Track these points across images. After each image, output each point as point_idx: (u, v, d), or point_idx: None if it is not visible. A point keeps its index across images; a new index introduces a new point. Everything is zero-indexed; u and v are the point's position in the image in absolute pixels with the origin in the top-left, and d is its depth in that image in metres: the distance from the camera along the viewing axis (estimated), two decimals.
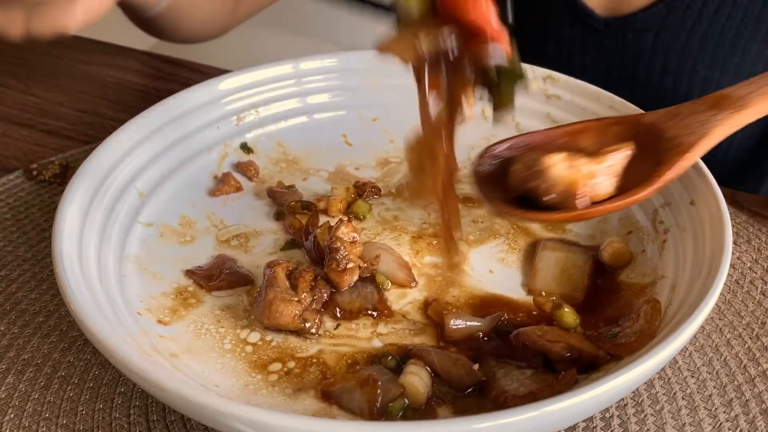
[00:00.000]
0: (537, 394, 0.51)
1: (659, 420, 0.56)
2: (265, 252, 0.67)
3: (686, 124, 0.58)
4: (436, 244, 0.67)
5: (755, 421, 0.55)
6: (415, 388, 0.53)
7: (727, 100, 0.57)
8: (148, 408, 0.56)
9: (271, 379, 0.55)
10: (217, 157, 0.75)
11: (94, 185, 0.63)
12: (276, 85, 0.78)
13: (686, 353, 0.60)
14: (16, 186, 0.77)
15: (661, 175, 0.56)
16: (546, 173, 0.55)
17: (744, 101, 0.57)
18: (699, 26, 0.89)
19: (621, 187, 0.57)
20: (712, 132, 0.57)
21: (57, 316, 0.63)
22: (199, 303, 0.61)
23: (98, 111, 0.91)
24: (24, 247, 0.70)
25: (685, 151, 0.57)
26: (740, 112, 0.57)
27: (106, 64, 1.01)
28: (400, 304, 0.62)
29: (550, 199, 0.56)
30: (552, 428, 0.49)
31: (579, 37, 0.94)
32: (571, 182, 0.55)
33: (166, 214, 0.69)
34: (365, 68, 0.80)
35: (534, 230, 0.69)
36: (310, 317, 0.58)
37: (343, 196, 0.71)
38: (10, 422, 0.55)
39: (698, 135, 0.57)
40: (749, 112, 0.57)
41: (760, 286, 0.66)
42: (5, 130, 0.87)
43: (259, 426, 0.44)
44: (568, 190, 0.55)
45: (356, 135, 0.80)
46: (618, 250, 0.64)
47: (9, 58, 1.02)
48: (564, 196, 0.55)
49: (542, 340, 0.55)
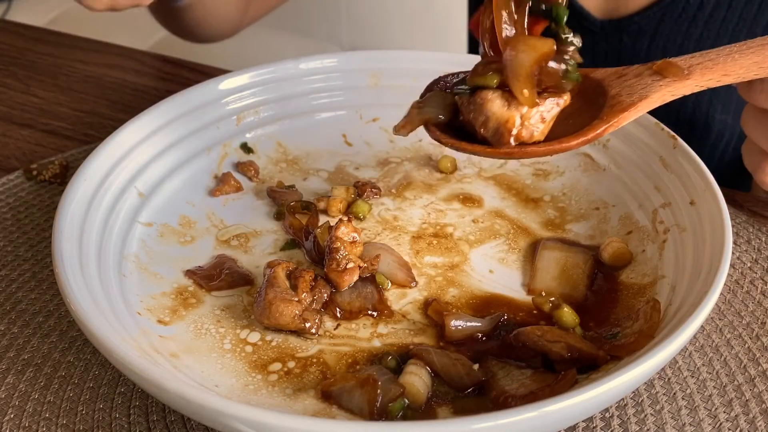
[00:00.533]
0: (537, 394, 0.51)
1: (659, 420, 0.56)
2: (265, 252, 0.67)
3: (629, 85, 0.60)
4: (437, 244, 0.67)
5: (755, 421, 0.55)
6: (415, 388, 0.53)
7: (672, 68, 0.59)
8: (148, 408, 0.56)
9: (271, 379, 0.55)
10: (217, 157, 0.75)
11: (94, 185, 0.63)
12: (276, 85, 0.78)
13: (686, 353, 0.60)
14: (16, 186, 0.77)
15: (595, 129, 0.58)
16: (483, 107, 0.57)
17: (687, 71, 0.59)
18: (694, 29, 0.89)
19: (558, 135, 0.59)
20: (651, 95, 0.58)
21: (57, 316, 0.63)
22: (199, 303, 0.61)
23: (98, 111, 0.91)
24: (24, 247, 0.70)
25: (624, 110, 0.58)
26: (681, 81, 0.58)
27: (106, 64, 1.01)
28: (400, 304, 0.62)
29: (485, 134, 0.58)
30: (552, 428, 0.49)
31: None
32: (506, 119, 0.56)
33: (166, 214, 0.69)
34: (365, 68, 0.80)
35: (534, 230, 0.69)
36: (310, 317, 0.58)
37: (343, 196, 0.71)
38: (10, 422, 0.55)
39: (638, 96, 0.59)
40: (689, 82, 0.58)
41: (760, 286, 0.66)
42: (5, 130, 0.87)
43: (259, 426, 0.44)
44: (501, 126, 0.57)
45: (356, 135, 0.80)
46: (618, 250, 0.64)
47: (9, 59, 1.02)
48: (497, 132, 0.57)
49: (542, 340, 0.55)
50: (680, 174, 0.65)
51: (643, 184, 0.69)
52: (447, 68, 0.67)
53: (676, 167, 0.66)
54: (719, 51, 0.60)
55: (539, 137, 0.58)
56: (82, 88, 0.96)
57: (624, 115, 0.58)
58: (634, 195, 0.69)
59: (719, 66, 0.58)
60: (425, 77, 0.65)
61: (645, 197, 0.68)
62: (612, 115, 0.58)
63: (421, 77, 0.66)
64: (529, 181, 0.75)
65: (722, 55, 0.59)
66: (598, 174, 0.73)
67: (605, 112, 0.59)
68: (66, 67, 1.00)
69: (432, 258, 0.66)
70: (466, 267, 0.65)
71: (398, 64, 0.80)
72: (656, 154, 0.68)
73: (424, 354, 0.55)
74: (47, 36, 1.08)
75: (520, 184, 0.74)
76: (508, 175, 0.75)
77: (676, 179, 0.66)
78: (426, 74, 0.66)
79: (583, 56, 0.82)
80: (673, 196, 0.65)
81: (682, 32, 0.89)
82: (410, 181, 0.75)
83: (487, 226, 0.70)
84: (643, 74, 0.60)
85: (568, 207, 0.72)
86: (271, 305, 0.57)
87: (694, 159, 0.65)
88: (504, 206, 0.72)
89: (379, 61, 0.80)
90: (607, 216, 0.70)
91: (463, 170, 0.77)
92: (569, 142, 0.58)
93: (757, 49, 0.59)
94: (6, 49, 1.04)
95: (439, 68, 0.69)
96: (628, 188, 0.70)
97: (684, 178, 0.65)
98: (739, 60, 0.58)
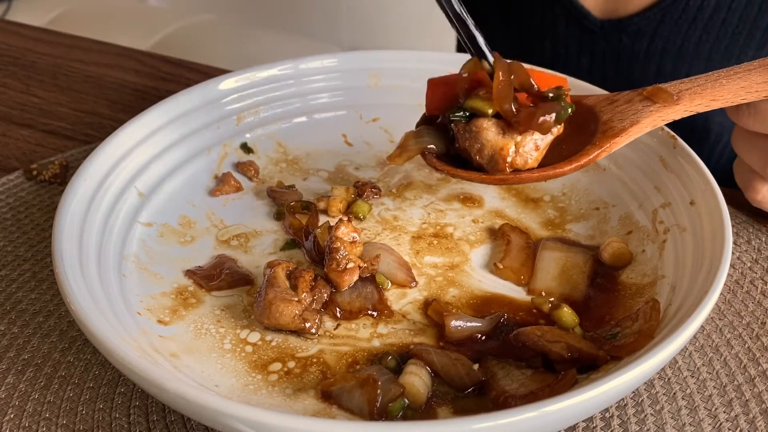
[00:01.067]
0: (537, 394, 0.51)
1: (659, 420, 0.56)
2: (265, 252, 0.67)
3: (620, 111, 0.62)
4: (437, 244, 0.67)
5: (755, 421, 0.55)
6: (415, 388, 0.53)
7: (662, 93, 0.61)
8: (148, 408, 0.56)
9: (271, 379, 0.55)
10: (217, 157, 0.75)
11: (94, 185, 0.63)
12: (276, 85, 0.78)
13: (686, 353, 0.60)
14: (16, 186, 0.77)
15: (588, 154, 0.60)
16: (479, 134, 0.59)
17: (677, 97, 0.61)
18: (694, 31, 0.89)
19: (551, 160, 0.61)
20: (642, 121, 0.60)
21: (57, 316, 0.63)
22: (199, 303, 0.61)
23: (98, 111, 0.91)
24: (24, 247, 0.70)
25: (615, 135, 0.61)
26: (671, 106, 0.61)
27: (106, 64, 1.01)
28: (400, 304, 0.62)
29: (481, 161, 0.60)
30: (552, 428, 0.49)
31: (574, 37, 0.94)
32: (500, 147, 0.59)
33: (166, 214, 0.69)
34: (365, 68, 0.80)
35: (534, 230, 0.69)
36: (310, 317, 0.58)
37: (343, 196, 0.71)
38: (10, 422, 0.55)
39: (629, 122, 0.61)
40: (679, 108, 0.61)
41: (760, 286, 0.66)
42: (5, 130, 0.87)
43: (259, 426, 0.44)
44: (496, 154, 0.59)
45: (356, 135, 0.80)
46: (618, 250, 0.64)
47: (9, 58, 1.02)
48: (492, 160, 0.60)
49: (542, 340, 0.55)
50: (680, 174, 0.65)
51: (643, 184, 0.69)
52: (447, 68, 0.68)
53: (676, 167, 0.66)
54: (707, 76, 0.62)
55: (533, 164, 0.61)
56: (82, 88, 0.96)
57: (616, 140, 0.60)
58: (634, 195, 0.69)
59: (707, 91, 0.61)
60: (425, 77, 0.65)
61: (645, 197, 0.68)
62: (604, 140, 0.61)
63: (421, 77, 0.67)
64: None
65: (710, 80, 0.61)
66: (598, 174, 0.73)
67: (598, 137, 0.61)
68: (66, 67, 1.00)
69: (432, 258, 0.66)
70: (466, 267, 0.65)
71: (398, 64, 0.80)
72: (656, 154, 0.68)
73: (424, 354, 0.55)
74: (47, 36, 1.08)
75: (520, 185, 0.74)
76: None
77: (676, 179, 0.66)
78: (426, 74, 0.66)
79: (582, 56, 0.84)
80: (673, 196, 0.65)
81: (681, 34, 0.89)
82: (410, 181, 0.75)
83: (487, 226, 0.70)
84: (634, 100, 0.62)
85: (568, 207, 0.72)
86: (271, 305, 0.57)
87: (694, 159, 0.65)
88: (504, 206, 0.72)
89: (379, 61, 0.80)
90: (607, 216, 0.70)
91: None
92: (563, 167, 0.60)
93: (744, 74, 0.61)
94: (6, 49, 1.04)
95: (439, 68, 0.69)
96: (628, 188, 0.70)
97: (684, 178, 0.65)
98: (727, 85, 0.61)
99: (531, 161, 0.60)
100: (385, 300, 0.62)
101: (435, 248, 0.67)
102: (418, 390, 0.53)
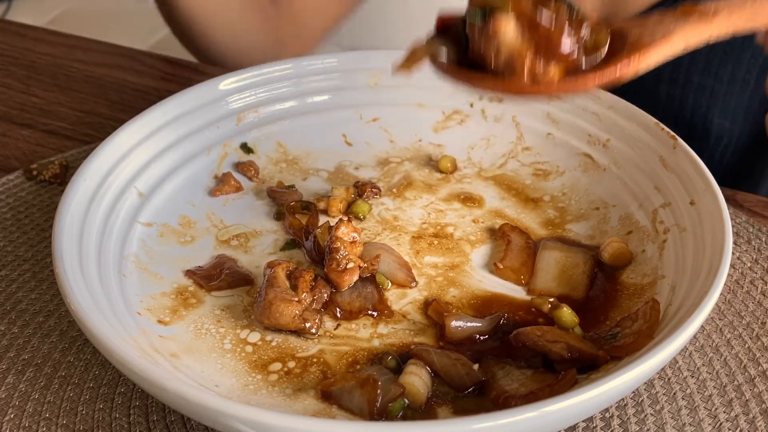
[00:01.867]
0: (537, 394, 0.51)
1: (659, 420, 0.56)
2: (265, 252, 0.67)
3: (650, 28, 0.57)
4: (437, 244, 0.67)
5: (755, 421, 0.55)
6: (415, 388, 0.53)
7: (697, 11, 0.56)
8: (148, 408, 0.56)
9: (271, 379, 0.55)
10: (217, 157, 0.75)
11: (94, 185, 0.63)
12: (276, 85, 0.78)
13: (686, 353, 0.60)
14: (16, 186, 0.77)
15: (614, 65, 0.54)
16: (496, 36, 0.53)
17: (712, 13, 0.56)
18: None
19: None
20: (672, 36, 0.55)
21: (57, 316, 0.63)
22: (199, 303, 0.61)
23: (98, 111, 0.91)
24: (24, 247, 0.70)
25: (642, 49, 0.55)
26: (706, 22, 0.56)
27: (106, 64, 1.00)
28: (400, 304, 0.62)
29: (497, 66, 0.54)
30: (552, 428, 0.49)
31: None
32: (517, 52, 0.53)
33: (166, 214, 0.69)
34: (365, 68, 0.80)
35: (534, 230, 0.69)
36: (310, 317, 0.58)
37: (343, 196, 0.71)
38: (10, 422, 0.55)
39: (659, 36, 0.55)
40: (714, 24, 0.56)
41: (760, 286, 0.66)
42: (5, 130, 0.87)
43: (259, 426, 0.44)
44: (512, 60, 0.54)
45: (356, 135, 0.80)
46: (618, 250, 0.64)
47: (9, 58, 1.02)
48: (509, 67, 0.54)
49: (542, 340, 0.55)
50: (680, 174, 0.65)
51: (643, 184, 0.69)
52: None
53: (676, 167, 0.66)
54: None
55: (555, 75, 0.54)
56: (82, 88, 0.96)
57: (645, 52, 0.54)
58: (634, 195, 0.69)
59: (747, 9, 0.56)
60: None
61: (645, 197, 0.68)
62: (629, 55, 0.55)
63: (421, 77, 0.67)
64: (528, 181, 0.75)
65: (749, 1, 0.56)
66: (598, 174, 0.73)
67: (625, 53, 0.55)
68: (66, 67, 1.00)
69: (432, 258, 0.66)
70: (466, 267, 0.65)
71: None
72: (656, 154, 0.68)
73: (424, 354, 0.55)
74: (47, 36, 1.08)
75: (520, 184, 0.74)
76: (508, 176, 0.75)
77: (676, 179, 0.66)
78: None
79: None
80: (673, 196, 0.65)
81: None
82: (410, 181, 0.75)
83: (488, 226, 0.70)
84: (666, 18, 0.57)
85: (568, 207, 0.72)
86: (271, 305, 0.57)
87: (694, 159, 0.65)
88: (504, 206, 0.72)
89: (379, 61, 0.80)
90: (607, 216, 0.70)
91: (463, 170, 0.77)
92: (585, 79, 0.54)
93: None
94: (6, 49, 1.04)
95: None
96: (628, 188, 0.70)
97: (684, 178, 0.65)
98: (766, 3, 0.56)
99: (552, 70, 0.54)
100: (385, 300, 0.62)
101: (435, 248, 0.67)
102: (418, 390, 0.53)
